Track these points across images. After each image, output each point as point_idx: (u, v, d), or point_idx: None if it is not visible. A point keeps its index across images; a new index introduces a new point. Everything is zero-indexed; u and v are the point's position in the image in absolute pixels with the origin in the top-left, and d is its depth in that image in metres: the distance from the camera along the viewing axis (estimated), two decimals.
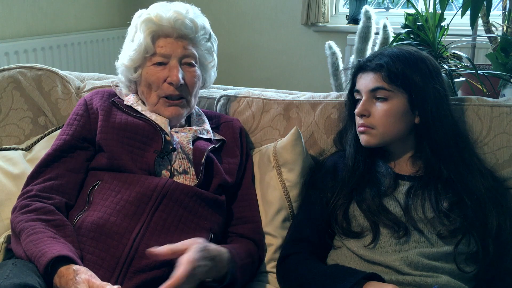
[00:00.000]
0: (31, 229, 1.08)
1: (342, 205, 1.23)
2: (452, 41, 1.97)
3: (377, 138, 1.22)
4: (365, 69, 1.25)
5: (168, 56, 1.28)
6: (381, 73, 1.21)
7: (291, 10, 3.68)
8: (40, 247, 1.03)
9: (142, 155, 1.24)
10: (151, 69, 1.29)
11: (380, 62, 1.22)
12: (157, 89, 1.29)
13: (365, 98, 1.23)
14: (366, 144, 1.24)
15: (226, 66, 3.80)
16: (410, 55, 1.24)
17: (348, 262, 1.18)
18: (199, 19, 1.33)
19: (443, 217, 1.16)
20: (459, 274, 1.13)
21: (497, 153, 1.32)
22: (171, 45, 1.28)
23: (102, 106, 1.31)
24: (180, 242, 1.06)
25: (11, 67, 1.61)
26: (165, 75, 1.28)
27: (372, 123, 1.22)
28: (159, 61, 1.29)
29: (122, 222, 1.13)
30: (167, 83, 1.28)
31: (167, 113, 1.30)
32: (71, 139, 1.27)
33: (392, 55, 1.23)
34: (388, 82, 1.20)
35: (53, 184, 1.21)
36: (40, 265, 1.00)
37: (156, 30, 1.28)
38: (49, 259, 0.99)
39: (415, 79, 1.20)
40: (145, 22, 1.29)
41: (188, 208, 1.19)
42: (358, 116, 1.24)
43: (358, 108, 1.24)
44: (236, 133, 1.42)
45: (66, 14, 3.18)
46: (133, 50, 1.30)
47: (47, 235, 1.07)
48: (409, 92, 1.20)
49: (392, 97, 1.21)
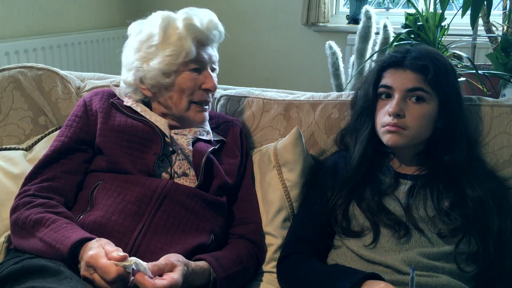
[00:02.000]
0: (46, 219, 1.09)
1: (342, 205, 1.23)
2: (452, 41, 1.97)
3: (407, 139, 1.19)
4: (401, 66, 1.21)
5: (203, 63, 1.29)
6: (424, 75, 1.18)
7: (291, 10, 3.68)
8: (62, 232, 1.05)
9: (141, 158, 1.24)
10: (188, 74, 1.28)
11: (425, 64, 1.18)
12: (190, 94, 1.29)
13: (399, 97, 1.19)
14: (393, 144, 1.20)
15: (226, 66, 3.79)
16: (444, 58, 1.23)
17: (348, 262, 1.18)
18: (219, 24, 1.35)
19: (444, 216, 1.16)
20: (460, 274, 1.13)
21: (497, 153, 1.32)
22: (206, 52, 1.30)
23: (102, 107, 1.31)
24: (163, 258, 1.04)
25: (12, 66, 1.61)
26: (201, 81, 1.29)
27: (406, 124, 1.18)
28: (196, 67, 1.29)
29: (123, 222, 1.13)
30: (201, 89, 1.29)
31: (198, 118, 1.31)
32: (69, 141, 1.27)
33: (433, 56, 1.20)
34: (430, 85, 1.18)
35: (50, 185, 1.21)
36: (65, 248, 1.01)
37: (200, 37, 1.28)
38: (73, 243, 1.01)
39: (451, 84, 1.20)
40: (187, 27, 1.26)
41: (189, 209, 1.19)
42: (392, 115, 1.19)
43: (393, 108, 1.18)
44: (236, 134, 1.42)
45: (66, 14, 3.18)
46: (169, 54, 1.25)
47: (64, 222, 1.09)
48: (444, 97, 1.19)
49: (429, 101, 1.19)
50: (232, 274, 1.15)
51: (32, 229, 1.09)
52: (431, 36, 1.86)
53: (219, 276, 1.11)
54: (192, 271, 1.07)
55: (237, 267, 1.19)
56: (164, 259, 1.03)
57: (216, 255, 1.16)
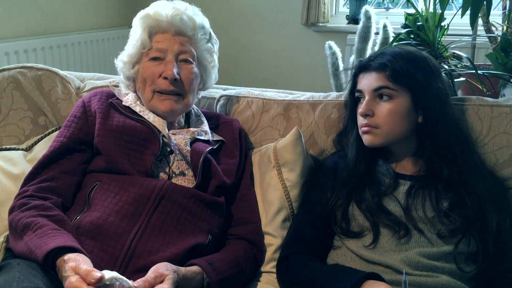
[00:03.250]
0: (34, 224, 1.08)
1: (341, 205, 1.23)
2: (452, 41, 1.97)
3: (382, 137, 1.22)
4: (367, 69, 1.25)
5: (164, 51, 1.29)
6: (385, 72, 1.21)
7: (291, 10, 3.68)
8: (44, 239, 1.03)
9: (139, 158, 1.24)
10: (147, 64, 1.30)
11: (384, 62, 1.21)
12: (152, 83, 1.29)
13: (368, 98, 1.23)
14: (370, 144, 1.23)
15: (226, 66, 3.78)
16: (412, 54, 1.24)
17: (348, 262, 1.18)
18: (198, 17, 1.33)
19: (443, 216, 1.16)
20: (459, 274, 1.13)
21: (497, 153, 1.32)
22: (168, 41, 1.29)
23: (100, 108, 1.31)
24: (151, 271, 1.02)
25: (11, 67, 1.61)
26: (161, 70, 1.28)
27: (376, 122, 1.21)
28: (155, 56, 1.29)
29: (120, 223, 1.13)
30: (162, 77, 1.28)
31: (162, 107, 1.29)
32: (68, 141, 1.27)
33: (395, 54, 1.23)
34: (393, 81, 1.20)
35: (49, 185, 1.21)
36: (40, 254, 0.99)
37: (153, 25, 1.29)
38: (48, 251, 0.99)
39: (419, 78, 1.20)
40: (143, 18, 1.30)
41: (187, 210, 1.19)
42: (362, 116, 1.23)
43: (361, 108, 1.23)
44: (235, 134, 1.42)
45: (66, 14, 3.18)
46: (131, 45, 1.32)
47: (50, 228, 1.08)
48: (413, 91, 1.20)
49: (396, 96, 1.20)
50: (227, 277, 1.15)
51: (22, 232, 1.09)
52: (431, 36, 1.85)
53: (213, 280, 1.10)
54: (183, 276, 1.06)
55: (233, 269, 1.18)
56: (153, 272, 1.02)
57: (210, 259, 1.15)
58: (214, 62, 1.40)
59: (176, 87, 1.29)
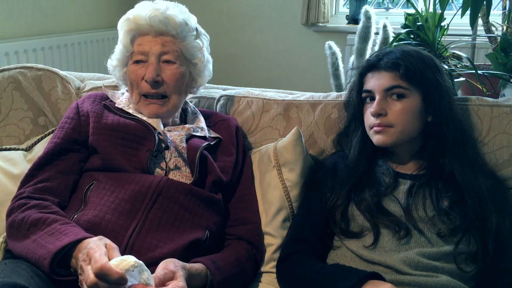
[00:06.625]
0: (42, 222, 1.08)
1: (341, 206, 1.23)
2: (452, 41, 1.98)
3: (394, 136, 1.21)
4: (377, 68, 1.24)
5: (146, 54, 1.28)
6: (397, 71, 1.20)
7: (291, 10, 3.69)
8: (56, 236, 1.03)
9: (135, 155, 1.24)
10: (132, 67, 1.31)
11: (395, 60, 1.20)
12: (137, 87, 1.30)
13: (379, 97, 1.21)
14: (381, 144, 1.22)
15: (226, 66, 3.81)
16: (419, 53, 1.24)
17: (348, 262, 1.18)
18: (181, 15, 1.31)
19: (444, 215, 1.16)
20: (459, 274, 1.13)
21: (497, 153, 1.32)
22: (149, 43, 1.29)
23: (94, 109, 1.32)
24: (160, 268, 1.01)
25: (11, 67, 1.61)
26: (143, 73, 1.28)
27: (390, 121, 1.20)
28: (138, 59, 1.29)
29: (117, 220, 1.13)
30: (144, 80, 1.28)
31: (146, 111, 1.30)
32: (62, 142, 1.28)
33: (405, 53, 1.22)
34: (405, 80, 1.19)
35: (44, 186, 1.21)
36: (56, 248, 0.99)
37: (134, 28, 1.29)
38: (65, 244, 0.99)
39: (429, 76, 1.20)
40: (124, 23, 1.31)
41: (184, 206, 1.19)
42: (374, 116, 1.22)
43: (374, 108, 1.21)
44: (232, 132, 1.42)
45: (66, 14, 3.18)
46: (118, 49, 1.34)
47: (59, 223, 1.07)
48: (425, 90, 1.20)
49: (409, 95, 1.20)
50: (230, 276, 1.15)
51: (27, 231, 1.09)
52: (431, 36, 1.86)
53: (216, 279, 1.10)
54: (188, 272, 1.06)
55: (235, 269, 1.18)
56: (162, 269, 1.01)
57: (213, 258, 1.16)
58: (204, 59, 1.37)
59: (159, 89, 1.29)
